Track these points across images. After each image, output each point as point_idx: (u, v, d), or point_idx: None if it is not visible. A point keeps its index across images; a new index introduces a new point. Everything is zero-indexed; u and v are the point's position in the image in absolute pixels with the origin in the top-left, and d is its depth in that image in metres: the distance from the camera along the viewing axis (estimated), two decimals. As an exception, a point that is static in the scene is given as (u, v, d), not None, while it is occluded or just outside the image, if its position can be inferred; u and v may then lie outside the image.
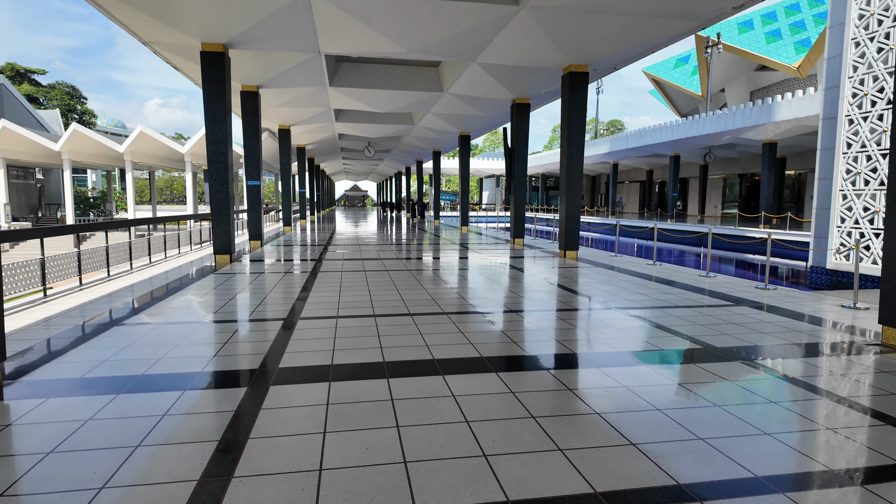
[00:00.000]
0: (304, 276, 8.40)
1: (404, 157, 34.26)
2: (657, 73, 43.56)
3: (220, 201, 9.92)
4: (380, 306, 5.99)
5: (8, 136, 24.03)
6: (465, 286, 7.54)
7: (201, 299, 6.39)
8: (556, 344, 4.48)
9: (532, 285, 7.69)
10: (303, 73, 12.69)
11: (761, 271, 17.87)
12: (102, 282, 7.68)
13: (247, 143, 13.22)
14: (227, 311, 5.75)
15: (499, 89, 13.65)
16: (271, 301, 6.32)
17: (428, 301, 6.34)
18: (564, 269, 9.50)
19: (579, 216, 11.30)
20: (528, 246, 14.09)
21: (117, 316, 5.47)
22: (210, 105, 9.71)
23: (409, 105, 16.77)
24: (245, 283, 7.62)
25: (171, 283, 7.60)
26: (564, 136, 11.22)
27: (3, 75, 63.88)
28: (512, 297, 6.69)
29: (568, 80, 11.04)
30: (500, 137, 77.37)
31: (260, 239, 13.48)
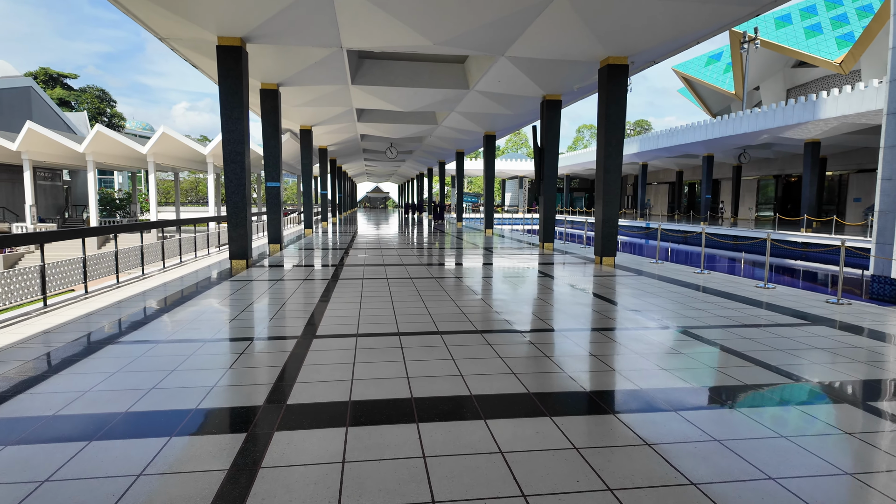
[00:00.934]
0: (324, 283, 7.82)
1: (426, 158, 33.72)
2: (688, 72, 42.16)
3: (236, 203, 9.43)
4: (405, 322, 5.35)
5: (33, 138, 24.21)
6: (496, 297, 6.85)
7: (210, 312, 5.84)
8: (616, 375, 3.76)
9: (571, 297, 6.96)
10: (324, 69, 12.17)
11: (820, 281, 16.65)
12: (110, 289, 7.22)
13: (266, 143, 12.77)
14: (236, 326, 5.18)
15: (528, 85, 12.93)
16: (285, 314, 5.74)
17: (457, 315, 5.67)
18: (603, 277, 8.73)
19: (617, 220, 10.50)
20: (559, 251, 13.32)
21: (115, 331, 4.93)
22: (227, 102, 9.23)
23: (433, 104, 16.15)
24: (259, 293, 7.07)
25: (181, 292, 7.10)
26: (601, 134, 10.44)
27: (33, 79, 65.49)
28: (551, 312, 5.98)
29: (606, 74, 10.26)
30: (523, 138, 76.41)
31: (279, 242, 13.00)
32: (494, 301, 6.57)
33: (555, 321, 5.49)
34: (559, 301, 6.65)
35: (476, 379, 3.63)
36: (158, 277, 8.40)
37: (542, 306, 6.30)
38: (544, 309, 6.14)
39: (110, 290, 7.19)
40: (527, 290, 7.46)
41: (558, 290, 7.46)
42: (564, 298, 6.84)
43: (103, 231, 7.48)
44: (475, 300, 6.61)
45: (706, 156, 31.17)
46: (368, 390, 3.40)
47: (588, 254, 12.59)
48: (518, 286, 7.85)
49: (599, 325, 5.36)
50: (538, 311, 6.03)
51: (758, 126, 23.97)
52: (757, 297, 7.01)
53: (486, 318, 5.56)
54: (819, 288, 15.32)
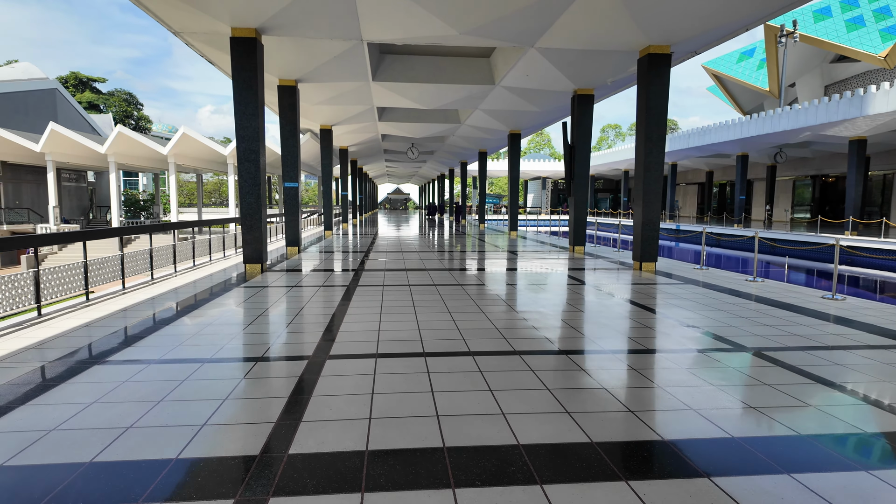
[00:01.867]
0: (342, 290, 7.22)
1: (448, 158, 33.10)
2: (718, 68, 40.71)
3: (250, 204, 8.91)
4: (431, 339, 4.69)
5: (56, 139, 24.31)
6: (531, 308, 6.15)
7: (215, 324, 5.27)
8: (695, 416, 3.03)
9: (615, 309, 6.22)
10: (344, 64, 11.62)
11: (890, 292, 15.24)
12: (114, 296, 6.73)
13: (284, 142, 12.28)
14: (241, 343, 4.58)
15: (559, 79, 12.19)
16: (297, 328, 5.13)
17: (489, 331, 4.99)
18: (647, 286, 7.95)
19: (659, 222, 9.69)
20: (591, 255, 12.53)
21: (106, 348, 4.38)
22: (241, 97, 8.72)
23: (456, 101, 15.50)
24: (272, 301, 6.50)
25: (188, 300, 6.57)
26: (641, 129, 9.64)
27: (63, 83, 66.95)
28: (595, 328, 5.25)
29: (646, 64, 9.47)
30: (546, 138, 75.30)
31: (297, 245, 12.50)
32: (529, 313, 5.86)
33: (602, 340, 4.77)
34: (602, 314, 5.92)
35: (522, 420, 2.95)
36: (168, 283, 7.91)
37: (584, 320, 5.58)
38: (586, 324, 5.41)
39: (114, 297, 6.70)
40: (563, 301, 6.73)
41: (599, 301, 6.72)
42: (608, 311, 6.10)
43: (105, 234, 7.01)
44: (507, 312, 5.92)
45: (740, 155, 29.87)
46: (389, 434, 2.75)
47: (622, 258, 11.77)
48: (553, 295, 7.13)
49: (656, 345, 4.62)
50: (580, 326, 5.31)
51: (798, 123, 22.72)
52: (828, 310, 6.17)
53: (523, 336, 4.86)
54: (879, 298, 14.14)
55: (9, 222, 26.74)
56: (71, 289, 6.15)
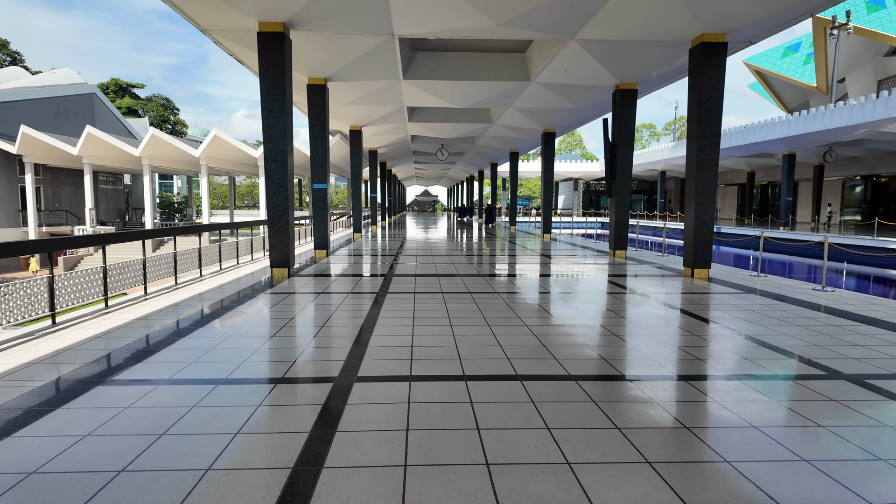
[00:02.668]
0: (371, 298, 6.75)
1: (478, 159, 32.55)
2: (761, 65, 38.97)
3: (277, 206, 8.55)
4: (470, 357, 4.15)
5: (93, 142, 24.78)
6: (580, 322, 5.54)
7: (235, 337, 4.85)
8: (825, 479, 2.40)
9: (674, 323, 5.55)
10: (374, 62, 11.21)
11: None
12: (134, 303, 6.42)
13: (313, 143, 11.95)
14: (261, 360, 4.14)
15: (600, 73, 11.50)
16: (322, 341, 4.67)
17: (536, 348, 4.42)
18: (703, 295, 7.23)
19: (713, 225, 8.92)
20: (634, 259, 11.77)
21: (114, 363, 3.99)
22: (268, 95, 8.37)
23: (489, 99, 14.94)
24: (298, 310, 6.07)
25: (209, 308, 6.20)
26: (694, 123, 8.90)
27: (104, 89, 69.12)
28: (657, 346, 4.61)
29: (700, 54, 8.73)
30: (577, 139, 73.94)
31: (326, 248, 12.14)
32: (577, 327, 5.26)
33: (667, 362, 4.14)
34: (661, 329, 5.27)
35: (593, 473, 2.37)
36: (191, 288, 7.59)
37: (641, 336, 4.94)
38: (645, 341, 4.78)
39: (134, 303, 6.39)
40: (613, 312, 6.10)
41: (653, 313, 6.05)
42: (666, 325, 5.45)
43: (125, 238, 6.72)
44: (553, 325, 5.33)
45: (787, 154, 28.36)
46: (430, 491, 2.22)
47: (668, 263, 10.99)
48: (600, 306, 6.50)
49: (734, 369, 3.97)
50: (638, 343, 4.68)
51: (854, 120, 21.31)
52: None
53: (575, 355, 4.27)
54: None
55: (48, 224, 27.48)
56: (89, 295, 5.85)
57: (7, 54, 59.71)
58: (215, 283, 8.02)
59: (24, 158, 25.85)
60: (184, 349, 4.35)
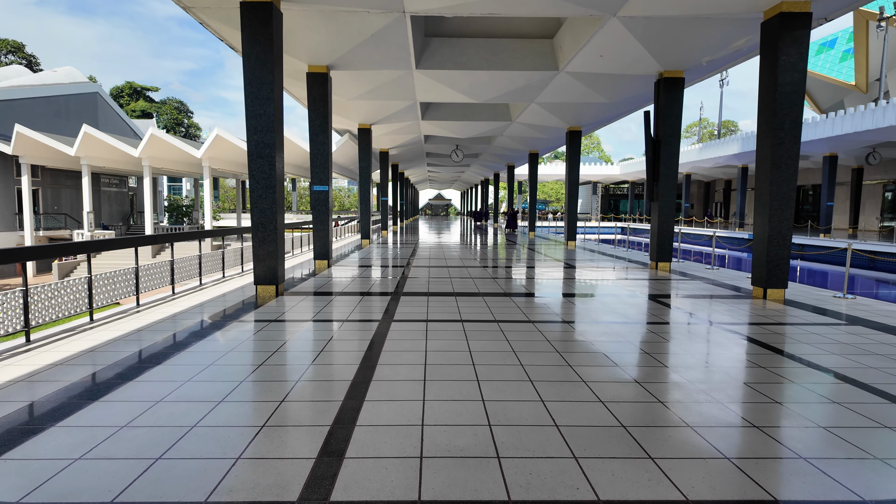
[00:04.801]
0: (370, 332, 5.28)
1: (494, 161, 31.03)
2: (793, 61, 36.82)
3: (263, 211, 7.13)
4: (512, 446, 2.66)
5: (90, 142, 23.63)
6: (659, 377, 4.01)
7: (179, 391, 3.41)
8: None
9: (808, 385, 3.99)
10: (383, 46, 9.80)
11: None
12: (71, 335, 5.03)
13: (314, 138, 10.56)
14: (181, 458, 2.68)
15: (642, 59, 9.96)
16: (288, 416, 3.20)
17: (615, 433, 2.91)
18: (796, 327, 5.63)
19: (791, 236, 7.31)
20: (681, 274, 10.16)
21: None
22: (252, 77, 6.96)
23: (510, 92, 13.44)
24: (271, 349, 4.63)
25: (168, 340, 4.78)
26: (767, 112, 7.31)
27: (119, 92, 68.91)
28: (801, 432, 3.07)
29: (776, 27, 7.15)
30: (594, 141, 72.05)
31: (327, 258, 10.73)
32: (659, 386, 3.73)
33: (837, 466, 2.60)
34: (797, 393, 3.71)
35: None
36: (156, 311, 6.19)
37: (763, 410, 3.40)
38: (772, 416, 3.23)
39: (71, 335, 4.99)
40: (697, 359, 4.55)
41: (750, 358, 4.49)
42: (797, 388, 3.89)
43: (74, 250, 5.34)
44: (625, 383, 3.80)
45: (828, 156, 26.42)
46: None
47: (723, 278, 9.36)
48: (678, 348, 4.95)
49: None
50: (765, 416, 3.14)
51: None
52: None
53: (681, 448, 2.75)
54: None
55: (46, 228, 26.50)
56: (4, 326, 4.46)
57: (23, 57, 59.82)
58: (185, 305, 6.62)
59: (21, 159, 24.86)
60: (82, 425, 2.91)
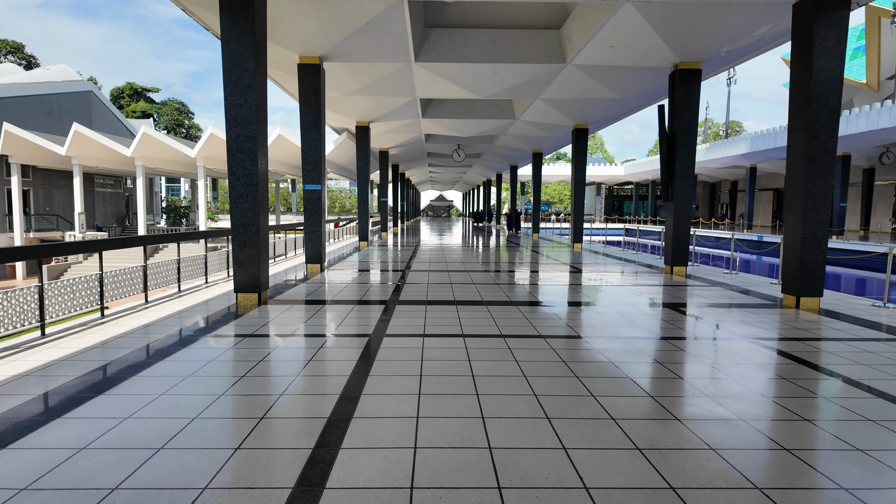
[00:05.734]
0: (359, 347, 4.63)
1: (496, 161, 30.38)
2: (802, 60, 36.14)
3: (243, 211, 6.47)
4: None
5: (81, 141, 22.96)
6: (696, 407, 3.34)
7: (109, 436, 2.75)
8: None
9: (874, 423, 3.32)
10: (380, 35, 9.17)
11: None
12: (23, 349, 4.38)
13: (305, 134, 9.91)
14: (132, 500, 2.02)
15: (656, 49, 9.30)
16: (249, 472, 2.54)
17: (660, 495, 2.24)
18: (841, 342, 4.96)
19: (827, 240, 6.63)
20: (699, 279, 9.47)
21: None
22: (232, 62, 6.30)
23: (514, 87, 12.79)
24: (243, 370, 3.97)
25: (119, 362, 4.13)
26: (799, 103, 6.63)
27: (119, 93, 68.42)
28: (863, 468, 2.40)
29: (811, 9, 6.47)
30: (598, 141, 71.37)
31: (320, 262, 10.08)
32: (713, 424, 3.06)
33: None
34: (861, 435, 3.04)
35: None
36: (119, 323, 5.54)
37: (826, 449, 2.73)
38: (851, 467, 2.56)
39: (17, 352, 4.34)
40: (741, 380, 3.88)
41: (797, 380, 3.83)
42: (863, 431, 3.22)
43: (23, 255, 4.70)
44: (657, 417, 3.13)
45: (841, 155, 25.72)
46: None
47: (745, 283, 8.68)
48: (713, 366, 4.28)
49: None
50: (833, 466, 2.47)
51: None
52: None
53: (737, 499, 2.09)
54: None
55: (37, 229, 25.90)
56: None
57: (22, 57, 59.47)
58: (157, 315, 5.97)
59: (11, 159, 24.23)
60: (19, 463, 2.25)
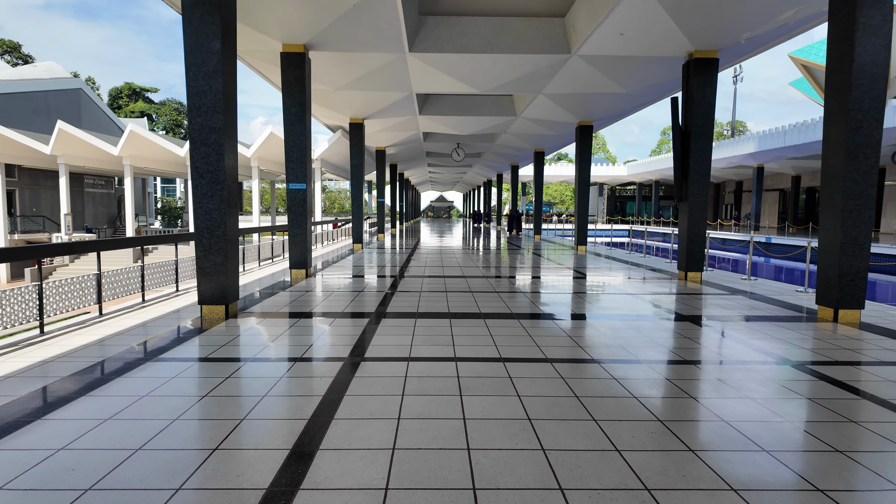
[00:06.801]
0: (322, 387, 3.87)
1: (497, 161, 29.62)
2: (809, 58, 35.38)
3: (208, 212, 5.71)
4: None
5: (66, 139, 22.15)
6: (752, 457, 2.58)
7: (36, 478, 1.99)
8: None
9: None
10: (369, 21, 8.43)
11: None
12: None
13: (289, 129, 9.17)
14: None
15: (671, 35, 8.55)
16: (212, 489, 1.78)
17: None
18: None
19: (870, 245, 5.86)
20: (718, 286, 8.69)
21: None
22: (196, 45, 5.55)
23: (516, 80, 12.02)
24: (181, 409, 3.21)
25: (39, 393, 3.37)
26: (838, 91, 5.87)
27: (118, 93, 67.72)
28: None
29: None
30: (600, 141, 70.61)
31: (305, 267, 9.33)
32: (789, 497, 2.30)
33: None
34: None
35: None
36: (61, 342, 4.78)
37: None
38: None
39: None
40: (796, 418, 3.12)
41: (867, 423, 3.06)
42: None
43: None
44: (711, 486, 2.37)
45: (852, 154, 24.88)
46: None
47: (768, 291, 7.91)
48: (757, 401, 3.52)
49: None
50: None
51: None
52: None
53: None
54: None
55: (23, 231, 25.15)
56: None
57: (18, 57, 58.99)
58: (111, 330, 5.21)
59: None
60: None
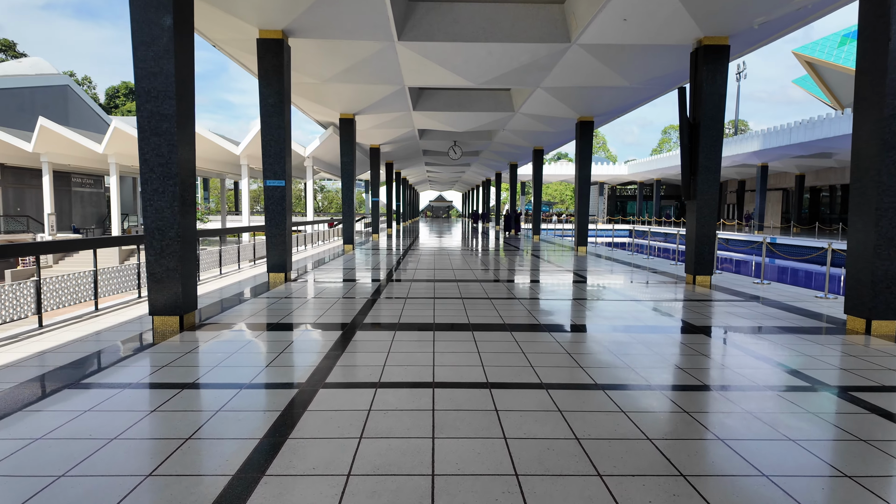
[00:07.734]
0: (266, 421, 3.22)
1: (495, 160, 28.95)
2: (814, 54, 34.77)
3: (159, 210, 5.04)
4: None
5: (48, 137, 21.42)
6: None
7: None
8: None
9: None
10: (352, 4, 7.77)
11: None
12: None
13: (266, 121, 8.50)
14: None
15: (678, 19, 7.89)
16: None
17: None
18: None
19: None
20: (725, 290, 8.03)
21: None
22: (143, 20, 4.83)
23: (513, 71, 11.34)
24: (89, 450, 2.55)
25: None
26: (869, 77, 5.21)
27: (115, 92, 66.95)
28: None
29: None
30: (600, 140, 69.93)
31: (284, 270, 8.68)
32: None
33: None
34: None
35: None
36: (16, 348, 4.13)
37: None
38: None
39: None
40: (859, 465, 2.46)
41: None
42: None
43: None
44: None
45: (860, 152, 24.26)
46: None
47: (783, 297, 7.25)
48: (804, 444, 2.87)
49: None
50: None
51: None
52: None
53: None
54: None
55: (7, 231, 24.48)
56: None
57: (13, 56, 58.61)
58: (50, 343, 4.56)
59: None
60: None
